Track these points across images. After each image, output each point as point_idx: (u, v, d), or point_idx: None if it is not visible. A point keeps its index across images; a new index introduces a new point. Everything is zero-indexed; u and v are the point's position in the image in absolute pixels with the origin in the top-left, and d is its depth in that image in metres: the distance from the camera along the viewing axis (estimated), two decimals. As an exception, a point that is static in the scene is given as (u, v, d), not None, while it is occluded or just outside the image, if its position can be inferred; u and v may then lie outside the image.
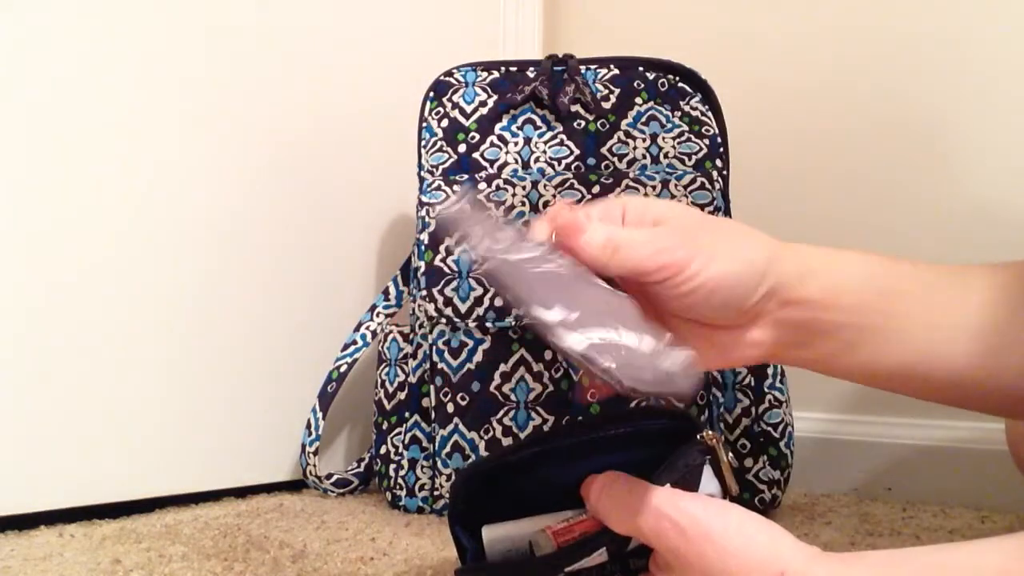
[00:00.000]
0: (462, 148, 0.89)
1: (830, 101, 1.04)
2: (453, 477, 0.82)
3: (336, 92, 0.99)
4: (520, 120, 0.90)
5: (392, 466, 0.86)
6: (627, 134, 0.87)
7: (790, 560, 0.37)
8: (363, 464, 0.94)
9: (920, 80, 0.98)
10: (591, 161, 0.87)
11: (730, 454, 0.45)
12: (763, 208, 1.05)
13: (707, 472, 0.44)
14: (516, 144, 0.89)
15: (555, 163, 0.87)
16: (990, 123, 0.95)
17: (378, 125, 1.02)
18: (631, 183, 0.81)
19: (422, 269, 0.83)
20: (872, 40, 1.01)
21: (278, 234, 0.92)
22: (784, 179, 1.06)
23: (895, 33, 1.00)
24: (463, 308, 0.81)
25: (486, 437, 0.81)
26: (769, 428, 0.82)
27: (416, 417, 0.86)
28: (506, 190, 0.83)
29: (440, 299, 0.82)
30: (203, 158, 0.86)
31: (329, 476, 0.92)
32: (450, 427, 0.82)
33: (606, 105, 0.88)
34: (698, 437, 0.45)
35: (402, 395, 0.87)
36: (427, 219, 0.84)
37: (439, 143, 0.89)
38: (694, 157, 0.86)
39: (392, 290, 0.95)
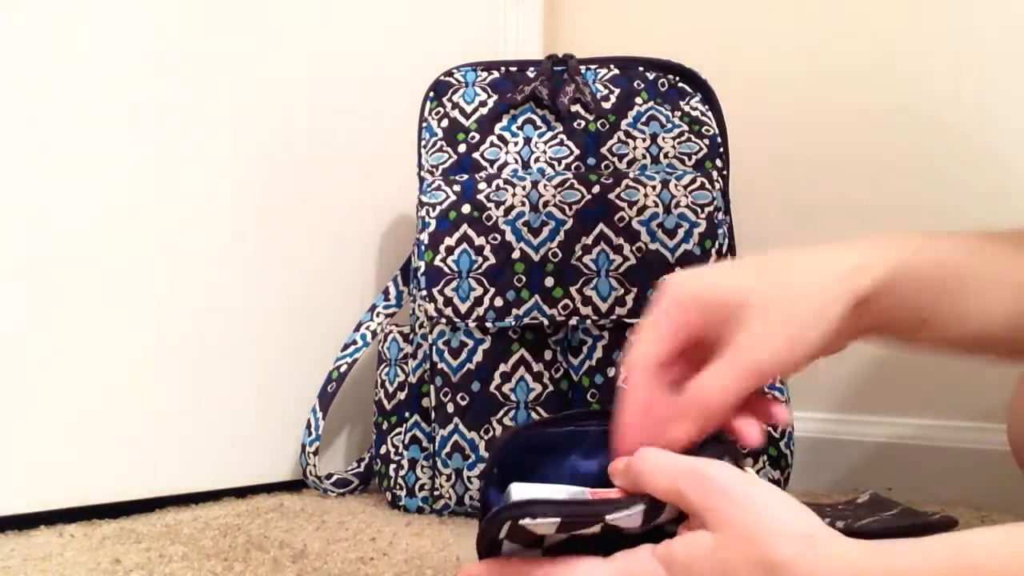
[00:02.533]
0: (462, 148, 0.89)
1: (831, 101, 1.04)
2: (495, 439, 0.81)
3: (336, 92, 0.98)
4: (520, 120, 0.90)
5: (392, 466, 0.86)
6: (627, 134, 0.87)
7: (819, 529, 0.38)
8: (363, 464, 0.94)
9: (922, 79, 0.99)
10: (591, 161, 0.87)
11: (756, 467, 0.46)
12: (763, 208, 1.05)
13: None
14: (516, 144, 0.89)
15: (555, 163, 0.87)
16: (991, 122, 0.95)
17: (378, 125, 1.02)
18: (631, 183, 0.81)
19: (422, 269, 0.83)
20: (874, 39, 1.01)
21: (277, 234, 0.92)
22: (784, 179, 1.06)
23: (897, 32, 1.00)
24: (463, 308, 0.81)
25: (486, 437, 0.81)
26: (769, 428, 0.82)
27: (416, 417, 0.86)
28: (506, 190, 0.83)
29: (440, 299, 0.82)
30: (203, 158, 0.86)
31: (329, 476, 0.92)
32: (450, 427, 0.82)
33: (606, 105, 0.88)
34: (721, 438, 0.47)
35: (402, 395, 0.87)
36: (427, 219, 0.84)
37: (439, 143, 0.89)
38: (694, 157, 0.86)
39: (392, 290, 0.95)
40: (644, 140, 0.87)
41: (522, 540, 0.43)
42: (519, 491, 0.45)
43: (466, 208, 0.83)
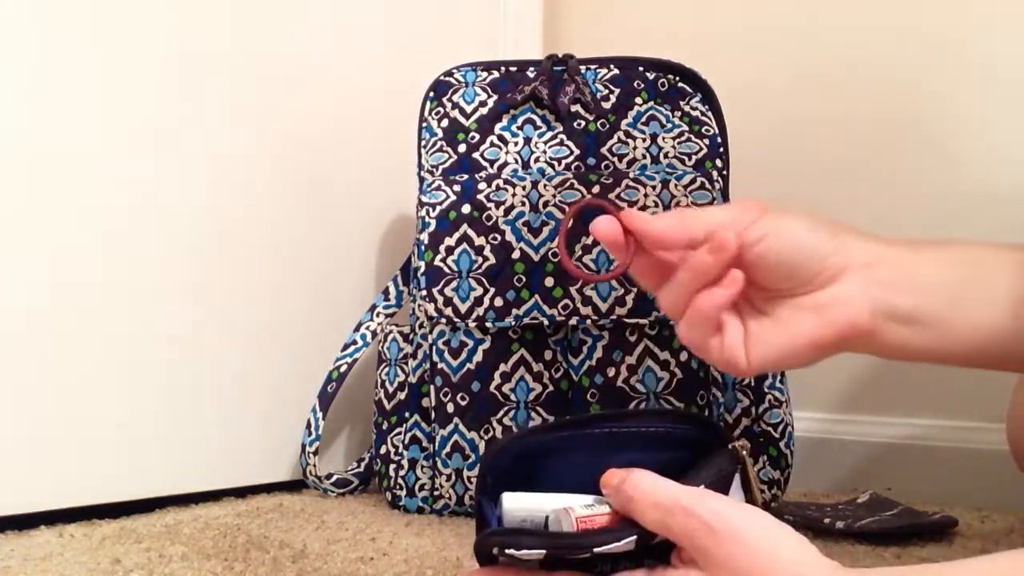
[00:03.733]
0: (462, 148, 0.89)
1: (830, 100, 1.04)
2: (484, 449, 0.81)
3: (336, 92, 0.98)
4: (520, 120, 0.90)
5: (392, 466, 0.86)
6: (627, 134, 0.87)
7: (813, 568, 0.38)
8: (363, 464, 0.94)
9: (921, 76, 0.99)
10: (591, 161, 0.87)
11: (756, 467, 0.46)
12: (763, 208, 1.05)
13: (736, 481, 0.45)
14: (516, 144, 0.89)
15: (555, 163, 0.87)
16: (991, 119, 0.95)
17: (378, 125, 1.02)
18: (631, 183, 0.81)
19: (422, 269, 0.83)
20: (872, 38, 1.02)
21: (278, 234, 0.92)
22: (784, 179, 1.06)
23: (895, 30, 1.00)
24: (463, 308, 0.81)
25: (486, 437, 0.81)
26: (769, 428, 0.82)
27: (416, 417, 0.86)
28: (506, 190, 0.83)
29: (440, 299, 0.82)
30: (204, 159, 0.86)
31: (329, 476, 0.92)
32: (450, 427, 0.82)
33: (606, 105, 0.88)
34: (729, 447, 0.46)
35: (402, 395, 0.87)
36: (427, 219, 0.84)
37: (439, 143, 0.89)
38: (694, 157, 0.86)
39: (392, 290, 0.95)
40: (644, 140, 0.87)
41: (516, 558, 0.42)
42: (509, 501, 0.44)
43: (466, 208, 0.83)
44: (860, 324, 0.47)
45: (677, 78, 0.89)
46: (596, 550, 0.41)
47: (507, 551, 0.41)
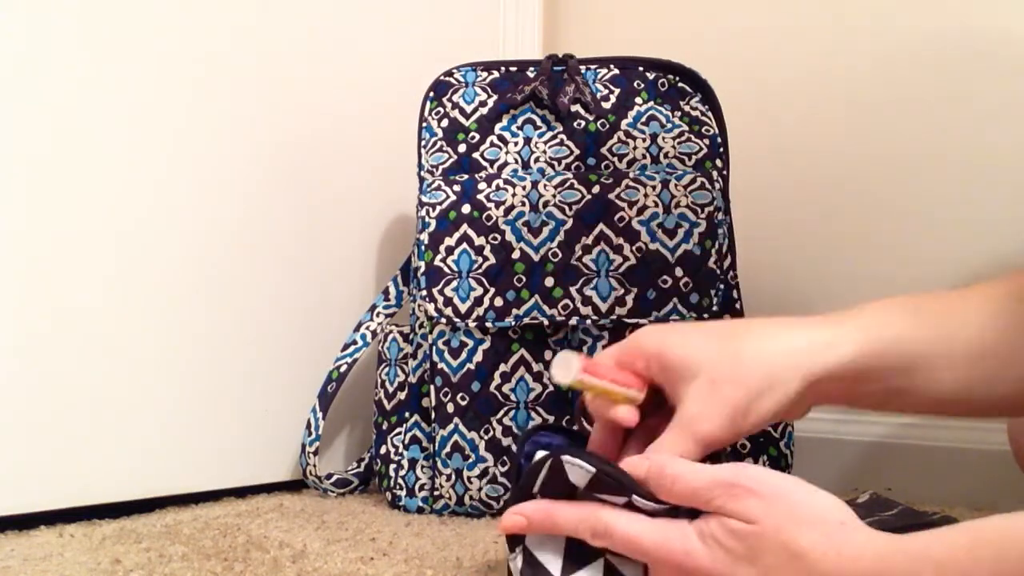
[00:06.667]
0: (462, 148, 0.89)
1: (831, 101, 1.04)
2: (518, 435, 0.82)
3: (336, 92, 0.99)
4: (520, 120, 0.90)
5: (392, 466, 0.86)
6: (627, 134, 0.87)
7: (852, 518, 0.42)
8: (363, 464, 0.94)
9: (923, 76, 0.98)
10: (591, 161, 0.87)
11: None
12: (762, 208, 1.05)
13: None
14: (516, 144, 0.89)
15: (555, 163, 0.87)
16: (993, 120, 0.95)
17: (378, 125, 1.02)
18: (631, 183, 0.81)
19: (422, 269, 0.83)
20: (873, 38, 1.01)
21: (278, 234, 0.92)
22: (784, 179, 1.06)
23: (896, 31, 1.00)
24: (463, 308, 0.81)
25: (486, 437, 0.81)
26: (769, 428, 0.82)
27: (416, 417, 0.86)
28: (506, 190, 0.83)
29: (440, 299, 0.82)
30: (203, 159, 0.86)
31: (329, 476, 0.92)
32: (450, 427, 0.82)
33: (606, 105, 0.88)
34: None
35: (402, 395, 0.87)
36: (427, 219, 0.84)
37: (439, 143, 0.89)
38: (694, 157, 0.86)
39: (392, 290, 0.95)
40: (644, 140, 0.87)
41: (554, 492, 0.47)
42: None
43: (466, 208, 0.83)
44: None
45: (677, 78, 0.89)
46: (634, 498, 0.45)
47: (562, 457, 0.45)
